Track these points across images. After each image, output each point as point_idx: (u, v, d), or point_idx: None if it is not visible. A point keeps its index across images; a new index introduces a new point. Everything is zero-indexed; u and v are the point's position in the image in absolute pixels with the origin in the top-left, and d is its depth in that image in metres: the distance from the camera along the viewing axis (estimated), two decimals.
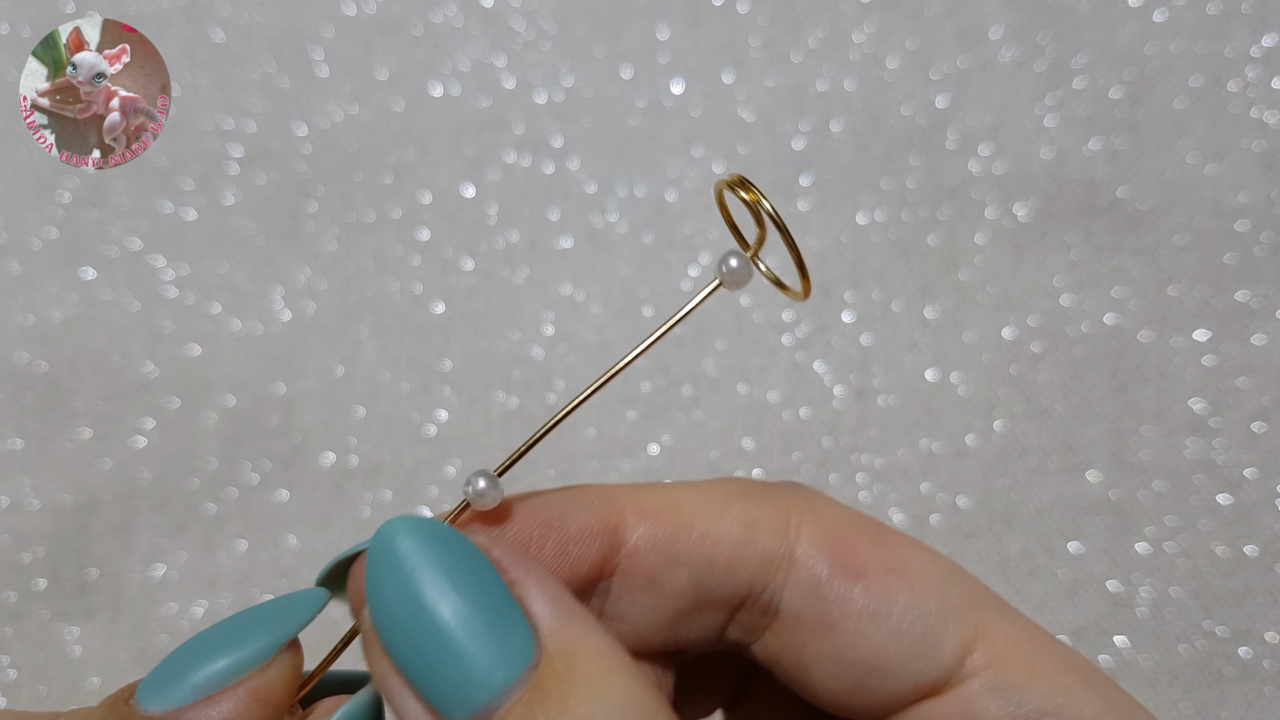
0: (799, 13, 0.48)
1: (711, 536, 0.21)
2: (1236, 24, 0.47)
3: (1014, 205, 0.46)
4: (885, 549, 0.22)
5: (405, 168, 0.47)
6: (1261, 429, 0.44)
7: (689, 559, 0.21)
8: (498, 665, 0.17)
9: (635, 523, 0.21)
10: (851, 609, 0.21)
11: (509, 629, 0.17)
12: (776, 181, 0.46)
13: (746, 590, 0.22)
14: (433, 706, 0.17)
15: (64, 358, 0.45)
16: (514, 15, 0.48)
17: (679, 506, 0.22)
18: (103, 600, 0.43)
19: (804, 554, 0.21)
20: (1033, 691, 0.20)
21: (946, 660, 0.21)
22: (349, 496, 0.44)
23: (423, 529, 0.18)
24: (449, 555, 0.18)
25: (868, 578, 0.21)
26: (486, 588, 0.17)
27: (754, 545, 0.21)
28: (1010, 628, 0.21)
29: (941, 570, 0.22)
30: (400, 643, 0.17)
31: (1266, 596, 0.42)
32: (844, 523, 0.22)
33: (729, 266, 0.21)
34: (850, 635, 0.21)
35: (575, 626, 0.18)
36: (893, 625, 0.21)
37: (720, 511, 0.22)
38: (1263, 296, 0.45)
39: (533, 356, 0.45)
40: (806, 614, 0.21)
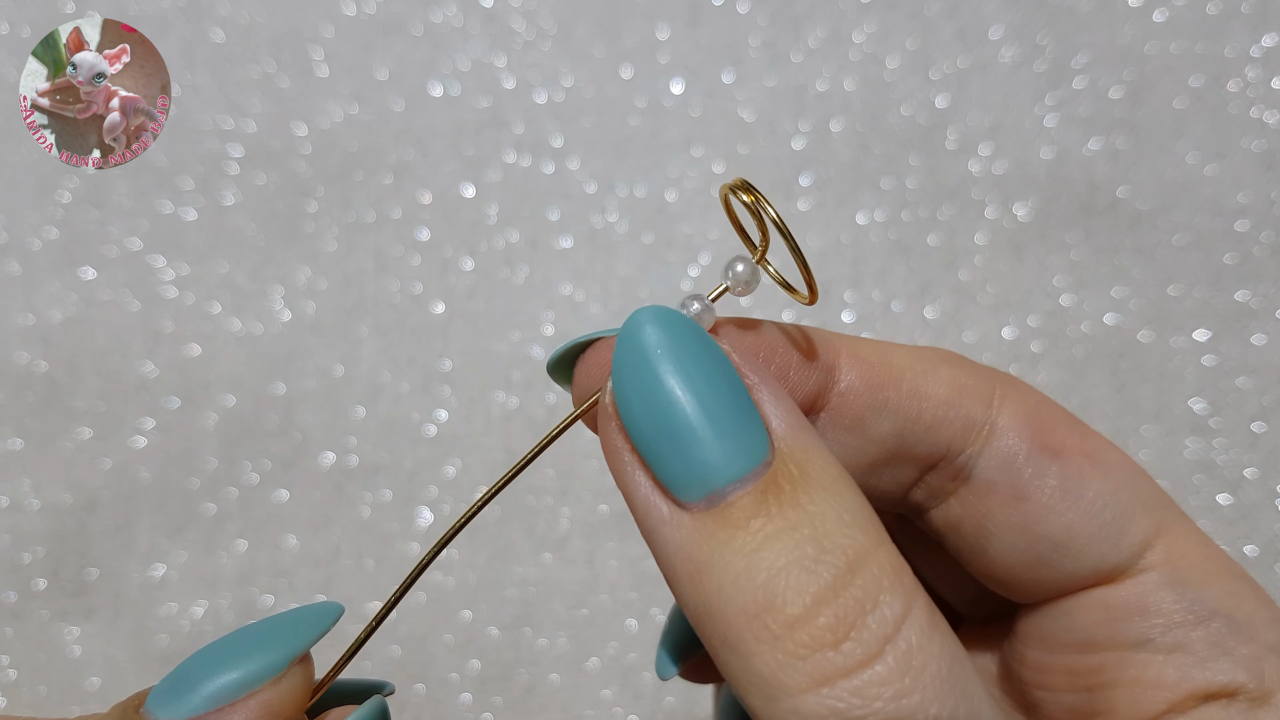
0: (799, 13, 0.48)
1: (920, 391, 0.22)
2: (1236, 24, 0.47)
3: (1014, 205, 0.46)
4: (1083, 436, 0.22)
5: (405, 168, 0.47)
6: (1261, 429, 0.44)
7: (896, 409, 0.22)
8: (737, 454, 0.17)
9: (849, 365, 0.22)
10: (1046, 484, 0.21)
11: (748, 424, 0.18)
12: (776, 181, 0.46)
13: (944, 450, 0.22)
14: (665, 485, 0.18)
15: (64, 358, 0.45)
16: (514, 15, 0.48)
17: (891, 359, 0.22)
18: (103, 600, 0.43)
19: (1005, 426, 0.22)
20: (1208, 592, 0.20)
21: (1129, 549, 0.21)
22: (349, 496, 0.44)
23: (675, 319, 0.18)
24: (697, 346, 0.18)
25: (1065, 458, 0.21)
26: (729, 383, 0.18)
27: (959, 408, 0.22)
28: (1189, 531, 0.22)
29: (1133, 467, 0.22)
30: (642, 420, 0.18)
31: None
32: (1045, 405, 0.22)
33: (735, 272, 0.21)
34: (1041, 509, 0.21)
35: (807, 436, 0.18)
36: (1084, 506, 0.21)
37: (930, 371, 0.22)
38: (1263, 296, 0.45)
39: (533, 356, 0.45)
40: (1000, 483, 0.22)
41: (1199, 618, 0.20)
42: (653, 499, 0.18)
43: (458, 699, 0.42)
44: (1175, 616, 0.20)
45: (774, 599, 0.16)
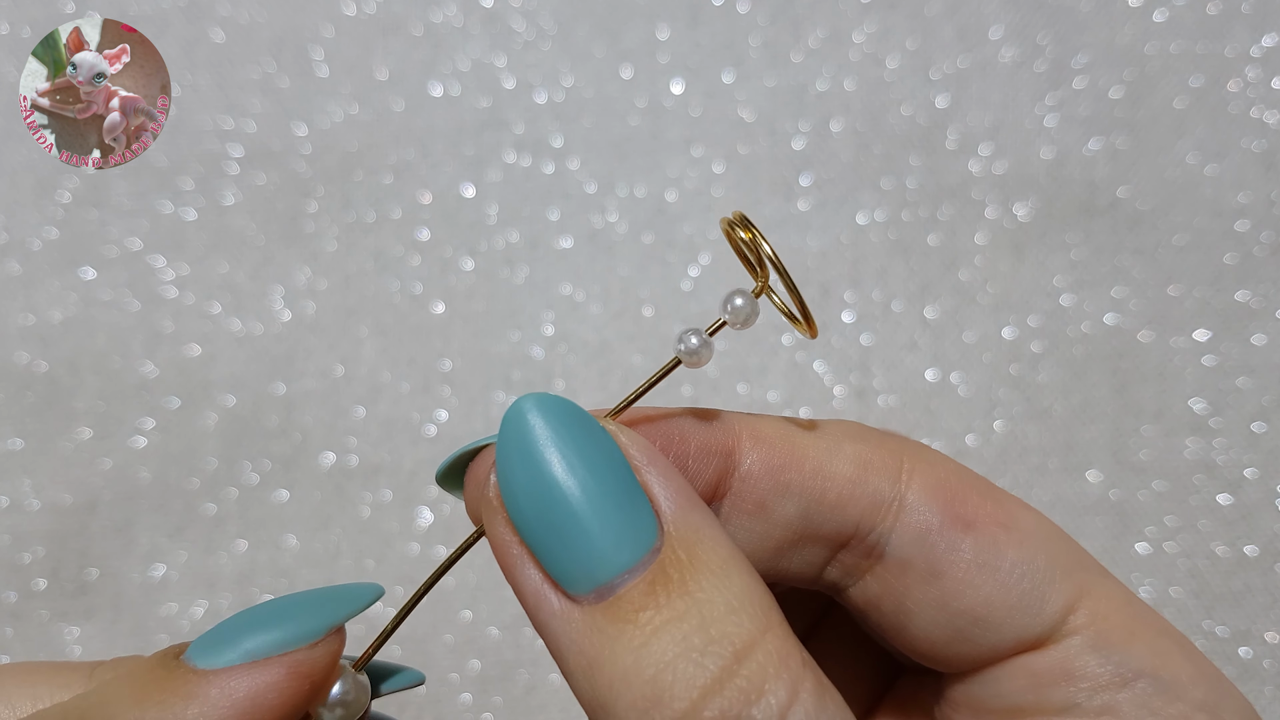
0: (799, 13, 0.48)
1: (824, 471, 0.21)
2: (1236, 24, 0.47)
3: (1014, 205, 0.46)
4: (995, 504, 0.22)
5: (405, 168, 0.47)
6: (1261, 429, 0.44)
7: (800, 490, 0.21)
8: (623, 544, 0.17)
9: (751, 448, 0.21)
10: (960, 559, 0.21)
11: (635, 511, 0.18)
12: (776, 181, 0.47)
13: (854, 529, 0.22)
14: (555, 579, 0.18)
15: (64, 358, 0.45)
16: (514, 15, 0.48)
17: (795, 438, 0.22)
18: (103, 600, 0.43)
19: (915, 500, 0.21)
20: (1132, 652, 0.20)
21: (1051, 616, 0.21)
22: (349, 496, 0.44)
23: (557, 406, 0.18)
24: (582, 433, 0.18)
25: (978, 530, 0.21)
26: (615, 470, 0.18)
27: (866, 486, 0.21)
28: (1111, 591, 0.21)
29: (1048, 530, 0.22)
30: (527, 514, 0.18)
31: (1266, 596, 0.42)
32: (955, 474, 0.22)
33: (734, 306, 0.21)
34: (957, 584, 0.21)
35: (698, 518, 0.18)
36: (1000, 578, 0.21)
37: (835, 448, 0.22)
38: (1263, 296, 0.45)
39: (533, 356, 0.45)
40: (914, 559, 0.21)
41: (1125, 679, 0.20)
42: (543, 592, 0.18)
43: (458, 699, 0.42)
44: (1101, 680, 0.20)
45: (662, 694, 0.16)
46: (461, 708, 0.42)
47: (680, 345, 0.21)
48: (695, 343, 0.21)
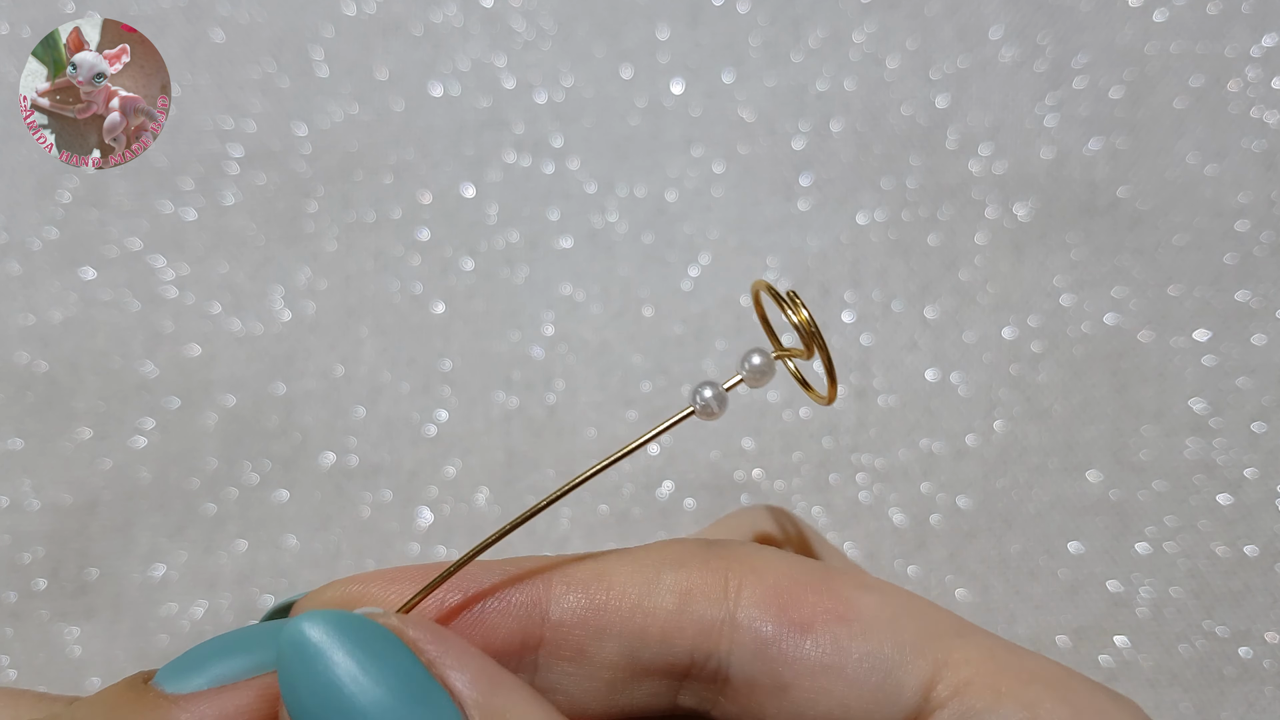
0: (799, 13, 0.48)
1: (643, 608, 0.21)
2: (1236, 24, 0.47)
3: (1014, 205, 0.46)
4: (831, 597, 0.21)
5: (405, 168, 0.47)
6: (1261, 429, 0.44)
7: (618, 631, 0.21)
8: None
9: (563, 593, 0.21)
10: (804, 665, 0.20)
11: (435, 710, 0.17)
12: (776, 181, 0.47)
13: (688, 659, 0.21)
14: None
15: (64, 358, 0.45)
16: (514, 15, 0.48)
17: (609, 577, 0.21)
18: (103, 600, 0.43)
19: (746, 616, 0.21)
20: (1001, 712, 0.20)
21: (910, 700, 0.20)
22: (349, 496, 0.44)
23: (330, 620, 0.18)
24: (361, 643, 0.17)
25: (816, 630, 0.20)
26: (405, 672, 0.17)
27: (690, 614, 0.21)
28: (971, 651, 0.21)
29: (893, 608, 0.21)
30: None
31: (1266, 596, 0.42)
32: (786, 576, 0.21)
33: (751, 364, 0.21)
34: (807, 692, 0.20)
35: (502, 697, 0.18)
36: (849, 676, 0.20)
37: (653, 581, 0.21)
38: (1263, 296, 0.45)
39: (533, 356, 0.45)
40: (758, 676, 0.21)
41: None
42: None
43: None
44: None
45: None
46: None
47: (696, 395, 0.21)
48: (710, 394, 0.21)
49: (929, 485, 0.44)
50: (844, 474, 0.44)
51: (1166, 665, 0.42)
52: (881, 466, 0.44)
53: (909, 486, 0.44)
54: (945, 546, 0.43)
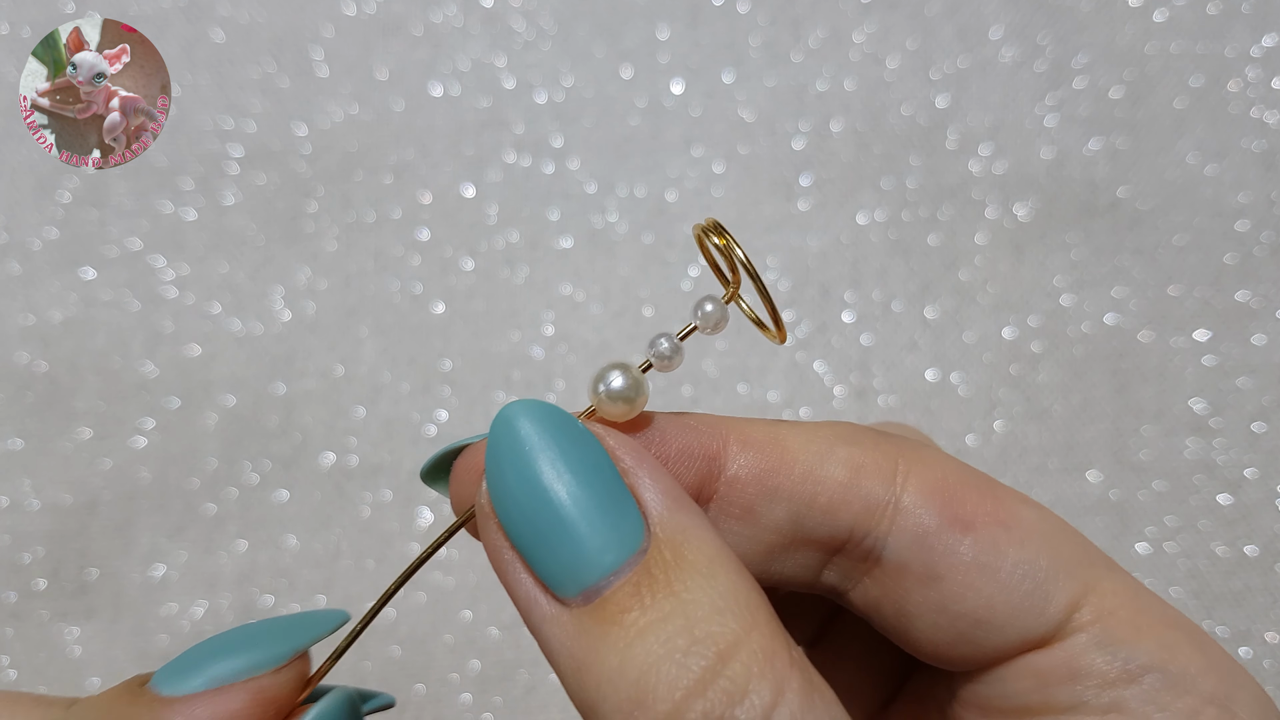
0: (799, 13, 0.48)
1: (814, 475, 0.21)
2: (1236, 24, 0.47)
3: (1014, 205, 0.46)
4: (995, 502, 0.21)
5: (405, 168, 0.47)
6: (1261, 429, 0.44)
7: (789, 495, 0.21)
8: (609, 546, 0.17)
9: (738, 452, 0.21)
10: (959, 561, 0.21)
11: (621, 513, 0.18)
12: (776, 181, 0.47)
13: (848, 534, 0.21)
14: (544, 583, 0.18)
15: (64, 358, 0.45)
16: (514, 15, 0.48)
17: (784, 441, 0.21)
18: (103, 600, 0.43)
19: (911, 502, 0.21)
20: (1139, 647, 0.20)
21: (1054, 615, 0.21)
22: (349, 496, 0.44)
23: (543, 412, 0.19)
24: (567, 438, 0.18)
25: (977, 530, 0.21)
26: (601, 472, 0.18)
27: (858, 489, 0.21)
28: (1118, 585, 0.21)
29: (1051, 526, 0.21)
30: (516, 519, 0.18)
31: (1266, 596, 0.42)
32: (953, 473, 0.22)
33: (704, 311, 0.21)
34: (957, 587, 0.21)
35: (685, 518, 0.18)
36: (1001, 579, 0.21)
37: (826, 452, 0.21)
38: (1263, 296, 0.45)
39: (533, 356, 0.45)
40: (911, 563, 0.21)
41: (1132, 675, 0.20)
42: (534, 595, 0.18)
43: (458, 699, 0.42)
44: (1109, 676, 0.20)
45: (646, 696, 0.16)
46: (462, 708, 0.42)
47: (651, 350, 0.21)
48: (665, 346, 0.21)
49: None
50: None
51: None
52: None
53: None
54: None
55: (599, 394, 0.21)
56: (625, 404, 0.21)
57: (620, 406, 0.21)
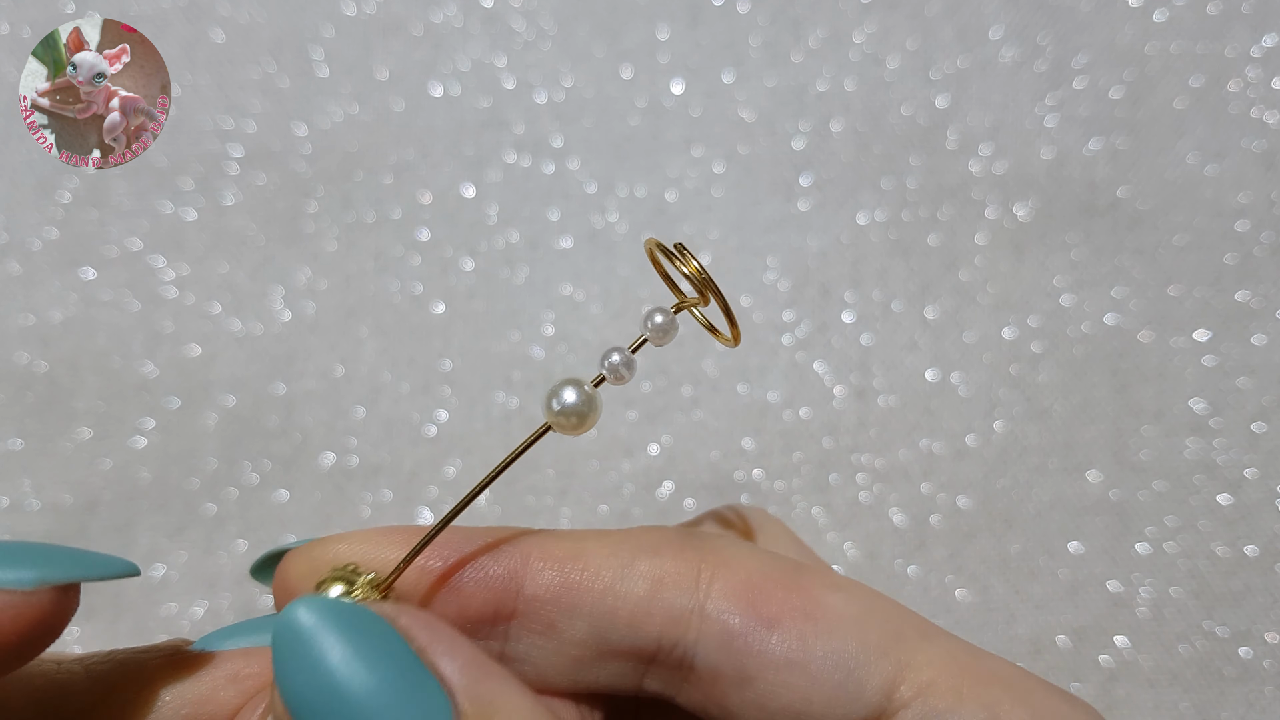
0: (799, 13, 0.48)
1: (615, 591, 0.21)
2: (1236, 24, 0.47)
3: (1014, 205, 0.46)
4: (799, 594, 0.21)
5: (405, 168, 0.47)
6: (1261, 429, 0.44)
7: (589, 611, 0.21)
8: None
9: (538, 569, 0.21)
10: (769, 659, 0.21)
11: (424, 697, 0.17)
12: (776, 181, 0.47)
13: (655, 644, 0.21)
14: None
15: (64, 358, 0.45)
16: (514, 15, 0.48)
17: (585, 557, 0.21)
18: (103, 600, 0.43)
19: (715, 607, 0.21)
20: (963, 713, 0.20)
21: (872, 699, 0.21)
22: (349, 497, 0.44)
23: (324, 607, 0.18)
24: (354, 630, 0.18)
25: (783, 626, 0.21)
26: (396, 658, 0.18)
27: (660, 601, 0.21)
28: (934, 653, 0.21)
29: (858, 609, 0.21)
30: None
31: (1266, 596, 0.42)
32: (757, 572, 0.22)
33: (654, 323, 0.22)
34: (770, 685, 0.21)
35: (489, 686, 0.18)
36: (813, 672, 0.21)
37: (626, 566, 0.21)
38: (1263, 296, 0.45)
39: (533, 356, 0.45)
40: (723, 666, 0.21)
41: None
42: None
43: None
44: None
45: None
46: None
47: (604, 364, 0.21)
48: (617, 359, 0.21)
49: (929, 485, 0.44)
50: (844, 474, 0.44)
51: (1166, 665, 0.42)
52: (881, 467, 0.44)
53: (909, 486, 0.44)
54: (945, 547, 0.43)
55: (552, 410, 0.21)
56: (578, 419, 0.21)
57: (573, 421, 0.21)
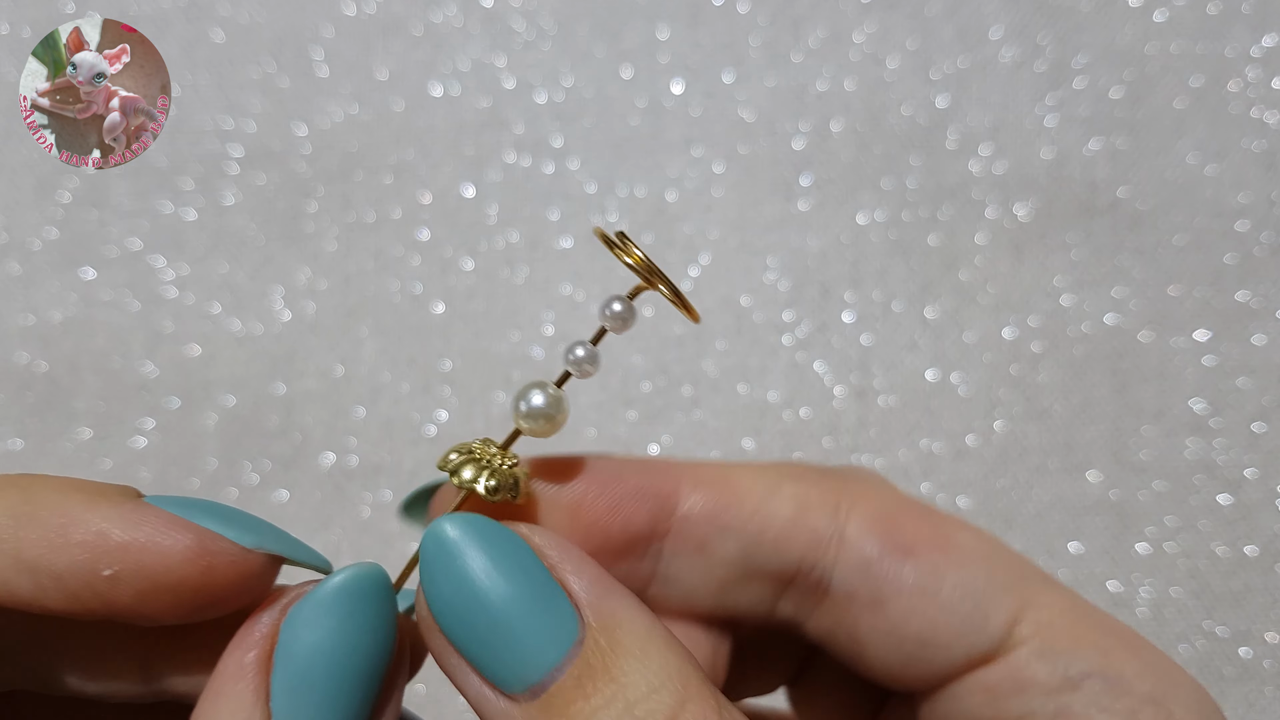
0: (799, 13, 0.48)
1: (763, 512, 0.22)
2: (1236, 24, 0.47)
3: (1014, 205, 0.46)
4: (933, 528, 0.23)
5: (405, 168, 0.47)
6: (1261, 429, 0.44)
7: (739, 530, 0.22)
8: (547, 643, 0.18)
9: (690, 490, 0.23)
10: (902, 586, 0.22)
11: (554, 608, 0.19)
12: (776, 181, 0.46)
13: (796, 566, 0.23)
14: (492, 682, 0.19)
15: (64, 358, 0.45)
16: (514, 15, 0.48)
17: (734, 481, 0.23)
18: None
19: (854, 533, 0.22)
20: (1078, 655, 0.21)
21: (995, 631, 0.22)
22: (349, 496, 0.44)
23: (469, 522, 0.19)
24: (493, 545, 0.19)
25: (917, 556, 0.22)
26: (530, 572, 0.19)
27: (805, 524, 0.22)
28: (1054, 597, 0.22)
29: (987, 547, 0.23)
30: (456, 627, 0.19)
31: (1266, 596, 0.42)
32: (893, 504, 0.23)
33: (612, 310, 0.22)
34: (902, 611, 0.22)
35: (613, 602, 0.19)
36: (943, 600, 0.22)
37: (774, 489, 0.23)
38: (1263, 296, 0.45)
39: (533, 356, 0.45)
40: (858, 591, 0.22)
41: (1073, 682, 0.21)
42: (484, 693, 0.19)
43: (458, 699, 0.42)
44: (1051, 685, 0.21)
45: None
46: (462, 708, 0.42)
47: (568, 358, 0.22)
48: (581, 353, 0.22)
49: (929, 485, 0.44)
50: None
51: None
52: (881, 466, 0.44)
53: (909, 486, 0.44)
54: None
55: (519, 413, 0.21)
56: (546, 421, 0.22)
57: (542, 424, 0.22)
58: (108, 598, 0.19)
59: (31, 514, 0.19)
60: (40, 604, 0.19)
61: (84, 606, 0.19)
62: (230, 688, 0.19)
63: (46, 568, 0.19)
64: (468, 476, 0.21)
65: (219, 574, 0.19)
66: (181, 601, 0.19)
